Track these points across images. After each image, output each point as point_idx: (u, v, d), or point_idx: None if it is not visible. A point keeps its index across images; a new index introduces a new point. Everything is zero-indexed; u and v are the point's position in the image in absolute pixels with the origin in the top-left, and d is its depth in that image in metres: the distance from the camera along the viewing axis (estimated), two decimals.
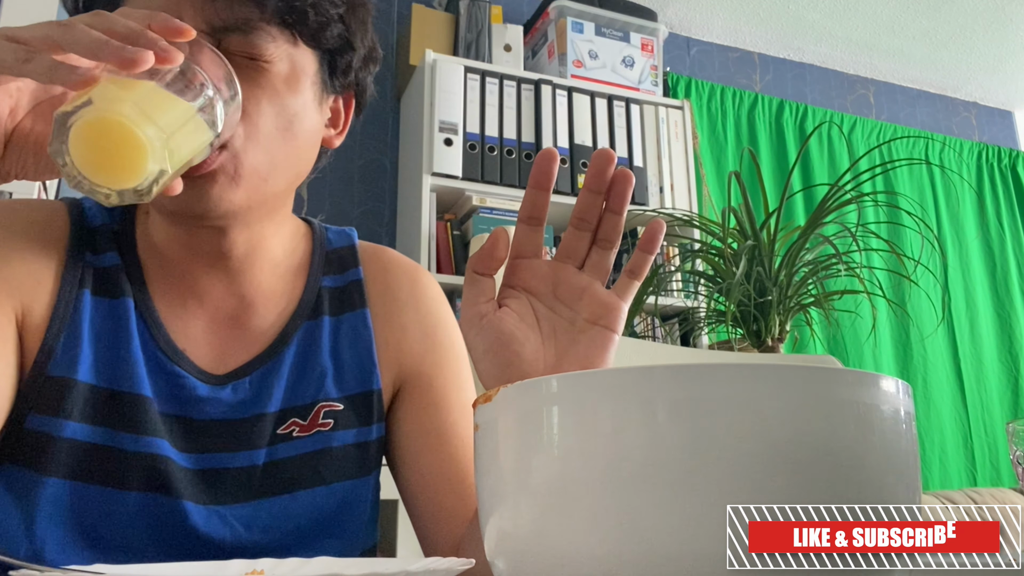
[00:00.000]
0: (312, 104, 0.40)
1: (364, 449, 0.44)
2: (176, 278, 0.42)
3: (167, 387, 0.40)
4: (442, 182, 1.44)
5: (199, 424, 0.40)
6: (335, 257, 0.47)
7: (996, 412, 2.05)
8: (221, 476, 0.40)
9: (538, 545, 0.21)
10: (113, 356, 0.39)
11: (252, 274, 0.43)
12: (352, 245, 0.48)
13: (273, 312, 0.44)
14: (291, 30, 0.38)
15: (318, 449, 0.42)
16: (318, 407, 0.42)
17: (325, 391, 0.43)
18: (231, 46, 0.37)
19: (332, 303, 0.45)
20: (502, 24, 1.64)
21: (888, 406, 0.21)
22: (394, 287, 0.47)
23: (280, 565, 0.28)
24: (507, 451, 0.23)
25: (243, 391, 0.41)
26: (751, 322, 0.97)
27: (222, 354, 0.42)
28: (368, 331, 0.45)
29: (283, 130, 0.39)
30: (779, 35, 2.11)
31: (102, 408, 0.39)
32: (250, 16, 0.37)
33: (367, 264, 0.47)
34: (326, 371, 0.43)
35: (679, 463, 0.20)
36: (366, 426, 0.44)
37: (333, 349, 0.44)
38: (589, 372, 0.23)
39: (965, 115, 2.41)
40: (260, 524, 0.40)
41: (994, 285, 2.19)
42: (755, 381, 0.20)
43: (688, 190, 1.64)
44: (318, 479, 0.42)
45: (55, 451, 0.37)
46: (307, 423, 0.42)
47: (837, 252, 0.97)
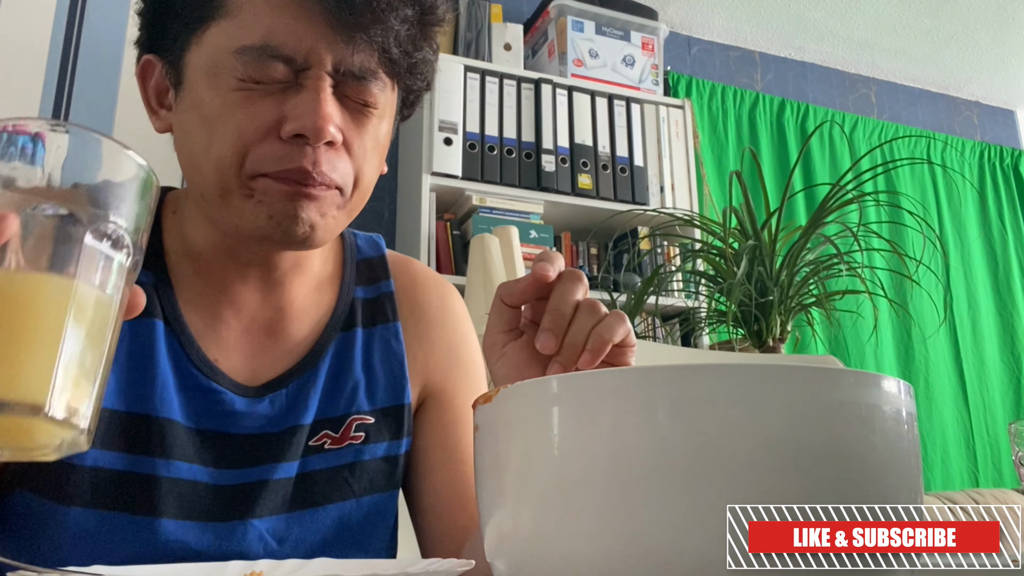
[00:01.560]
0: (389, 140, 0.42)
1: (393, 463, 0.44)
2: (210, 286, 0.41)
3: (203, 403, 0.39)
4: (442, 181, 1.44)
5: (236, 439, 0.40)
6: (365, 267, 0.47)
7: (998, 412, 2.05)
8: (257, 490, 0.39)
9: (538, 546, 0.21)
10: (138, 379, 0.38)
11: (292, 286, 0.43)
12: (382, 255, 0.48)
13: (307, 323, 0.43)
14: (396, 79, 0.39)
15: (349, 462, 0.42)
16: (350, 420, 0.42)
17: (358, 404, 0.43)
18: (347, 90, 0.37)
19: (365, 315, 0.45)
20: (502, 23, 1.64)
21: (890, 406, 0.21)
22: (423, 302, 0.47)
23: (279, 566, 0.28)
24: (507, 452, 0.23)
25: (280, 403, 0.41)
26: (752, 322, 0.97)
27: (256, 365, 0.41)
28: (400, 345, 0.45)
29: (375, 174, 0.40)
30: (780, 34, 2.11)
31: (127, 434, 0.38)
32: (376, 68, 0.37)
33: (397, 277, 0.47)
34: (359, 384, 0.43)
35: (679, 463, 0.20)
36: (396, 440, 0.44)
37: (366, 362, 0.44)
38: (589, 372, 0.22)
39: (967, 114, 2.40)
40: (292, 537, 0.40)
41: (996, 285, 2.19)
42: (756, 381, 0.20)
43: (689, 190, 1.64)
44: (348, 492, 0.42)
45: (77, 480, 0.36)
46: (339, 435, 0.42)
47: (839, 252, 0.97)
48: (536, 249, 1.47)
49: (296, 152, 0.36)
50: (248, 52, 0.36)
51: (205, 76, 0.37)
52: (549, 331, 0.31)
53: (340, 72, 0.37)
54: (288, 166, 0.36)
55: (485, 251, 1.22)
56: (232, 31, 0.36)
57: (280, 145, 0.36)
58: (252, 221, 0.37)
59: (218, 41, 0.37)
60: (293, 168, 0.36)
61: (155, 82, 0.40)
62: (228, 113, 0.36)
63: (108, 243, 0.19)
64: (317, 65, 0.36)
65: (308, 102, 0.36)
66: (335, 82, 0.37)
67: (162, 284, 0.41)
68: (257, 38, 0.36)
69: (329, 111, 0.36)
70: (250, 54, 0.36)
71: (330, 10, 0.35)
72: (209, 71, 0.37)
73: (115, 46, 1.41)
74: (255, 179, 0.36)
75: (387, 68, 0.38)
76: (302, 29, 0.36)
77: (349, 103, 0.38)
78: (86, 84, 1.38)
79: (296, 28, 0.36)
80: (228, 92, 0.36)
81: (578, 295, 0.32)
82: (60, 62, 1.39)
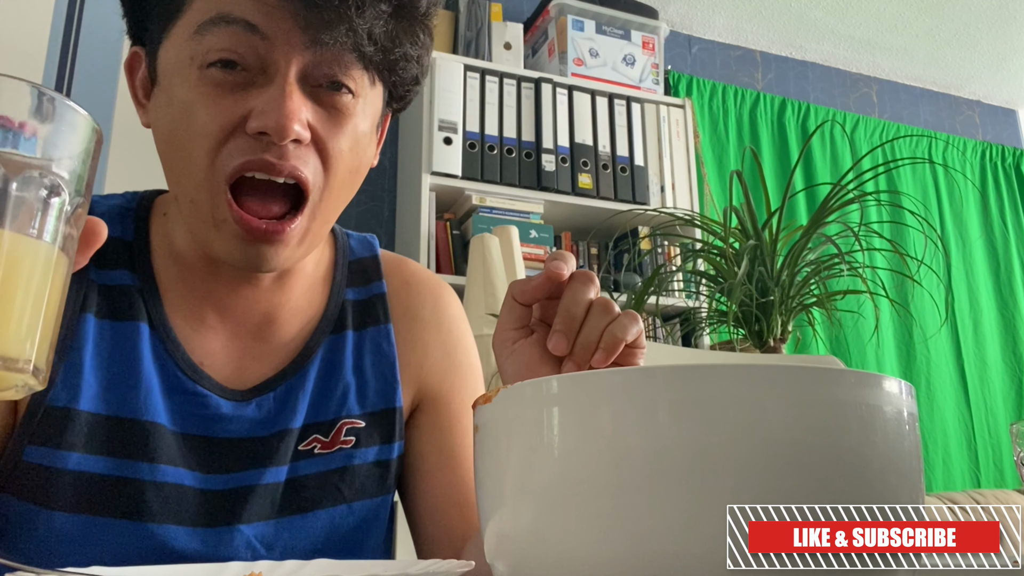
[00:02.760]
0: (374, 135, 0.40)
1: (385, 468, 0.43)
2: (196, 289, 0.41)
3: (188, 407, 0.39)
4: (441, 181, 1.44)
5: (222, 443, 0.39)
6: (358, 268, 0.46)
7: (1000, 413, 2.05)
8: (245, 495, 0.39)
9: (538, 547, 0.21)
10: (120, 382, 0.38)
11: (280, 290, 0.42)
12: (375, 256, 0.47)
13: (296, 325, 0.42)
14: (376, 75, 0.37)
15: (339, 467, 0.41)
16: (340, 424, 0.42)
17: (348, 408, 0.42)
18: (320, 97, 0.36)
19: (355, 317, 0.44)
20: (502, 22, 1.64)
21: (891, 407, 0.21)
22: (417, 304, 0.46)
23: (278, 567, 0.28)
24: (507, 453, 0.23)
25: (267, 407, 0.40)
26: (753, 322, 0.97)
27: (242, 368, 0.41)
28: (391, 348, 0.44)
29: (354, 172, 0.38)
30: (781, 33, 2.10)
31: (110, 437, 0.37)
32: (348, 65, 0.35)
33: (390, 278, 0.46)
34: (349, 387, 0.42)
35: (680, 464, 0.19)
36: (387, 444, 0.43)
37: (356, 365, 0.43)
38: (589, 373, 0.22)
39: (968, 114, 2.40)
40: (281, 543, 0.39)
41: (998, 285, 2.18)
42: (757, 382, 0.20)
43: (689, 189, 1.63)
44: (339, 497, 0.41)
45: (60, 484, 0.36)
46: (329, 440, 0.41)
47: (840, 252, 0.97)
48: (536, 249, 1.47)
49: (261, 146, 0.35)
50: (204, 27, 0.34)
51: (172, 70, 0.36)
52: (560, 332, 0.31)
53: (309, 67, 0.35)
54: (252, 157, 0.35)
55: (485, 251, 1.21)
56: (194, 16, 0.35)
57: (246, 139, 0.35)
58: (222, 250, 0.37)
59: (182, 30, 0.35)
60: (256, 159, 0.35)
61: (140, 75, 0.39)
62: (194, 111, 0.35)
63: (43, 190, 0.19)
64: (283, 55, 0.34)
65: (274, 99, 0.34)
66: (303, 76, 0.35)
67: (148, 287, 0.40)
68: (214, 11, 0.34)
69: (293, 108, 0.34)
70: (206, 27, 0.34)
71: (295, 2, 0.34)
72: (175, 64, 0.36)
73: (114, 44, 1.41)
74: (219, 206, 0.35)
75: (361, 64, 0.36)
76: (264, 3, 0.34)
77: (322, 97, 0.36)
78: (85, 82, 1.39)
79: (256, 4, 0.34)
80: (191, 87, 0.35)
81: (590, 295, 0.32)
82: (59, 60, 1.39)
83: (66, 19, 1.40)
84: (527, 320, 0.34)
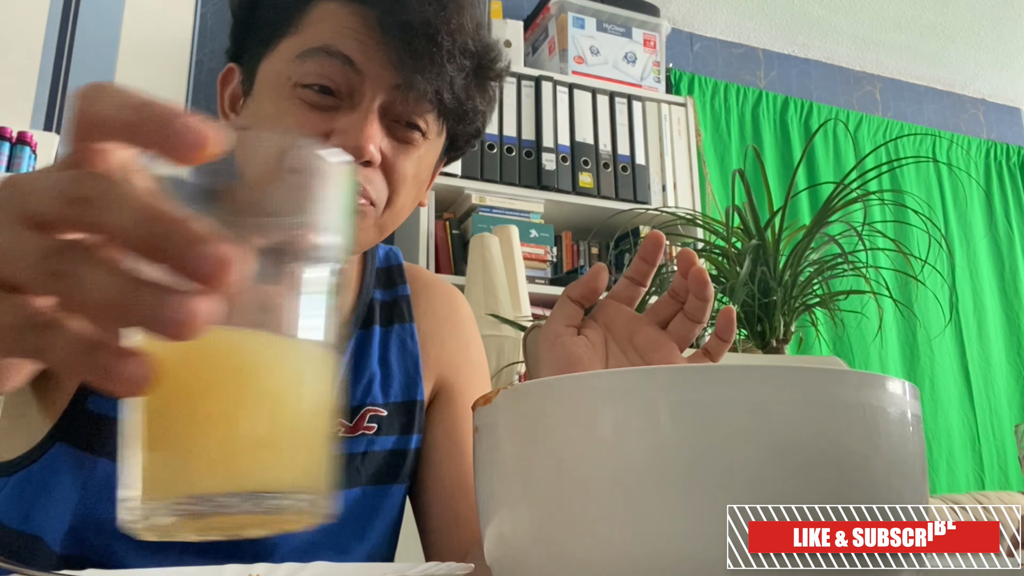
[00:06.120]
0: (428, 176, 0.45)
1: (401, 457, 0.46)
2: None
3: None
4: (441, 180, 1.44)
5: None
6: (384, 274, 0.51)
7: (1004, 414, 2.04)
8: None
9: (539, 548, 0.21)
10: None
11: None
12: (400, 264, 0.52)
13: None
14: (445, 122, 0.42)
15: (360, 452, 0.44)
16: (365, 411, 0.45)
17: (372, 396, 0.45)
18: (396, 131, 0.41)
19: (383, 315, 0.49)
20: (502, 19, 1.64)
21: (895, 408, 0.21)
22: (435, 303, 0.52)
23: (276, 570, 0.28)
24: (507, 454, 0.23)
25: None
26: (755, 323, 0.97)
27: None
28: (415, 344, 0.49)
29: (412, 199, 0.43)
30: (784, 31, 2.10)
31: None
32: (426, 107, 0.40)
33: (412, 282, 0.51)
34: (374, 377, 0.46)
35: (680, 464, 0.19)
36: (406, 435, 0.46)
37: (382, 357, 0.47)
38: (590, 374, 0.22)
39: (973, 112, 2.38)
40: None
41: (1003, 285, 2.17)
42: (759, 383, 0.20)
43: (691, 188, 1.63)
44: (356, 480, 0.44)
45: (108, 431, 0.38)
46: (353, 425, 0.44)
47: (843, 251, 0.96)
48: (536, 249, 1.46)
49: None
50: (307, 54, 0.39)
51: (268, 84, 0.40)
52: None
53: (391, 103, 0.39)
54: None
55: (485, 250, 1.21)
56: (298, 41, 0.40)
57: None
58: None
59: (285, 51, 0.40)
60: None
61: (231, 88, 0.44)
62: (283, 120, 0.39)
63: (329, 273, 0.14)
64: (371, 89, 0.39)
65: (356, 122, 0.38)
66: (385, 110, 0.39)
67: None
68: (319, 42, 0.39)
69: (372, 132, 0.39)
70: (309, 55, 0.39)
71: (393, 43, 0.38)
72: (272, 79, 0.40)
73: (109, 46, 1.41)
74: None
75: (437, 110, 0.41)
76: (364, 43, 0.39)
77: (397, 131, 0.41)
78: (83, 80, 1.38)
79: (359, 39, 0.39)
80: (284, 100, 0.39)
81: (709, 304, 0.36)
82: (54, 60, 1.39)
83: (60, 21, 1.40)
84: (577, 320, 0.37)
